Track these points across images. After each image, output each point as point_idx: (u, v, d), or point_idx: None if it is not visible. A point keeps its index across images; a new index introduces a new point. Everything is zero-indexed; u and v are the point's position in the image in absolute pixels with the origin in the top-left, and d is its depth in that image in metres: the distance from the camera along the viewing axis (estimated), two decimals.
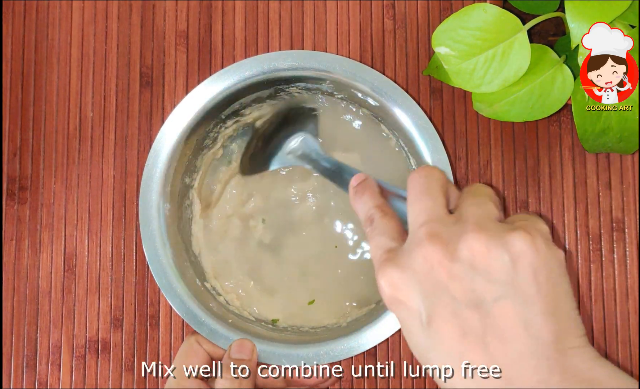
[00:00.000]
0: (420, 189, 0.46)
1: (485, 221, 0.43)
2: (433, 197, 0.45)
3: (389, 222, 0.48)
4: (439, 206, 0.45)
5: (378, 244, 0.46)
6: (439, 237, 0.42)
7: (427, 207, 0.45)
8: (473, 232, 0.41)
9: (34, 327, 0.70)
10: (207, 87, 0.65)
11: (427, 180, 0.46)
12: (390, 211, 0.49)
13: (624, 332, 0.68)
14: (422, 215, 0.44)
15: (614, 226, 0.69)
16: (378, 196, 0.51)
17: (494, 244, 0.41)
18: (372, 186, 0.52)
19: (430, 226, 0.43)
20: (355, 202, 0.52)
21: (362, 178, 0.53)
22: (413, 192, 0.46)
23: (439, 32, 0.60)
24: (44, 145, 0.72)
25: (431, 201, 0.45)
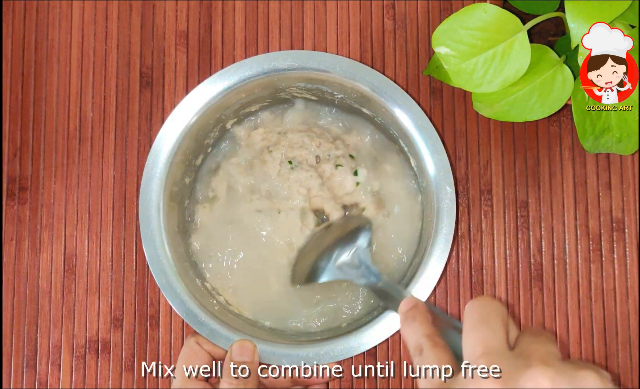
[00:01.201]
0: (478, 318, 0.43)
1: (550, 358, 0.40)
2: (492, 327, 0.43)
3: (440, 353, 0.45)
4: (498, 338, 0.42)
5: (427, 379, 0.44)
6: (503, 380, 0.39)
7: (486, 338, 0.42)
8: (539, 367, 0.39)
9: (34, 327, 0.70)
10: (207, 87, 0.65)
11: (486, 310, 0.44)
12: (441, 342, 0.47)
13: (624, 332, 0.68)
14: (479, 346, 0.42)
15: (614, 226, 0.69)
16: (429, 324, 0.48)
17: (562, 381, 0.38)
18: (422, 312, 0.50)
19: (489, 358, 0.40)
20: (405, 329, 0.50)
21: (413, 303, 0.51)
22: (469, 321, 0.44)
23: (439, 32, 0.60)
24: (44, 145, 0.72)
25: (490, 332, 0.42)
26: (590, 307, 0.69)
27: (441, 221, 0.63)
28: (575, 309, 0.69)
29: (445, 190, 0.63)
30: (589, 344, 0.68)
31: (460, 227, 0.70)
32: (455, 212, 0.63)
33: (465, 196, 0.70)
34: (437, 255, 0.62)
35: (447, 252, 0.62)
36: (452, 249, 0.68)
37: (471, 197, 0.70)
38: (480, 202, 0.70)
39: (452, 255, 0.70)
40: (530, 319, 0.69)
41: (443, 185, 0.63)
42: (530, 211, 0.70)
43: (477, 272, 0.69)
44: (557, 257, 0.69)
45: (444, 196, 0.63)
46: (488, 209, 0.70)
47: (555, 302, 0.69)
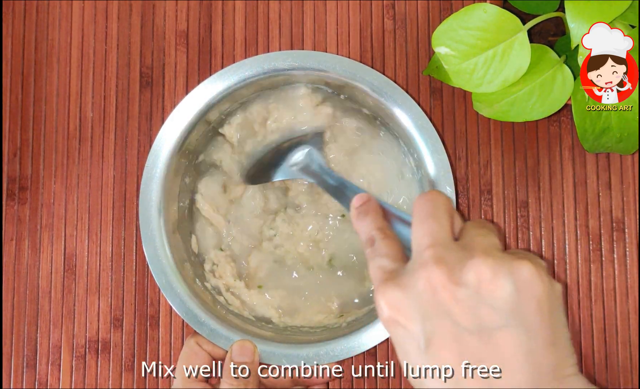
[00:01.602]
0: (426, 212, 0.45)
1: (492, 249, 0.42)
2: (439, 221, 0.45)
3: (391, 243, 0.47)
4: (444, 230, 0.44)
5: (378, 265, 0.46)
6: (444, 260, 0.42)
7: (433, 230, 0.44)
8: (480, 257, 0.41)
9: (34, 327, 0.70)
10: (207, 87, 0.65)
11: (433, 204, 0.46)
12: (392, 234, 0.49)
13: (624, 332, 0.68)
14: (427, 238, 0.44)
15: (614, 226, 0.69)
16: (380, 218, 0.50)
17: (501, 271, 0.41)
18: (374, 207, 0.51)
19: (435, 249, 0.43)
20: (357, 223, 0.51)
21: (365, 199, 0.52)
22: (418, 215, 0.46)
23: (439, 32, 0.60)
24: (44, 145, 0.72)
25: (437, 225, 0.44)
26: (590, 307, 0.69)
27: None
28: (575, 309, 0.69)
29: (445, 190, 0.63)
30: (589, 344, 0.68)
31: None
32: None
33: (465, 196, 0.70)
34: None
35: None
36: None
37: (471, 197, 0.70)
38: (480, 202, 0.70)
39: None
40: None
41: (443, 185, 0.63)
42: (530, 211, 0.70)
43: None
44: (557, 257, 0.69)
45: None
46: (488, 209, 0.70)
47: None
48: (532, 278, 0.41)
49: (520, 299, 0.40)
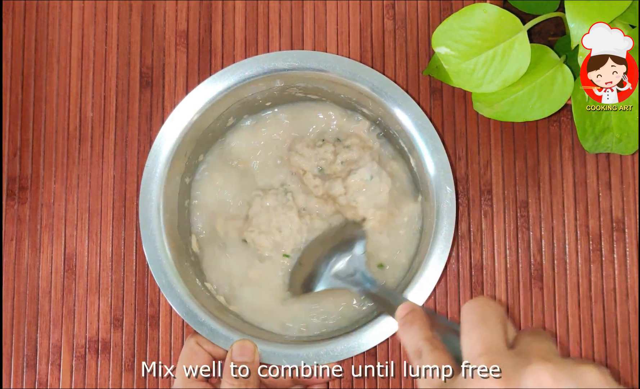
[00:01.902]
0: (477, 318, 0.43)
1: (550, 355, 0.40)
2: (490, 327, 0.43)
3: (439, 356, 0.45)
4: (497, 337, 0.42)
5: (428, 381, 0.44)
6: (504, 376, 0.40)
7: (485, 337, 0.42)
8: (539, 363, 0.39)
9: (34, 327, 0.70)
10: (207, 87, 0.65)
11: (484, 310, 0.44)
12: (440, 344, 0.47)
13: (624, 332, 0.68)
14: (479, 346, 0.42)
15: (614, 226, 0.69)
16: (427, 328, 0.49)
17: (563, 376, 0.38)
18: (420, 317, 0.50)
19: (490, 357, 0.41)
20: (404, 334, 0.50)
21: (410, 308, 0.51)
22: (469, 321, 0.44)
23: (439, 32, 0.60)
24: (44, 145, 0.72)
25: (488, 331, 0.42)
26: (590, 307, 0.69)
27: (441, 221, 0.63)
28: (575, 309, 0.69)
29: (445, 190, 0.63)
30: (589, 344, 0.68)
31: (460, 227, 0.70)
32: (455, 212, 0.63)
33: (465, 196, 0.70)
34: (437, 255, 0.62)
35: (447, 252, 0.62)
36: (452, 249, 0.68)
37: (471, 197, 0.70)
38: (480, 202, 0.70)
39: (452, 255, 0.70)
40: (530, 319, 0.69)
41: (443, 185, 0.63)
42: (530, 211, 0.70)
43: (477, 273, 0.69)
44: (557, 257, 0.69)
45: (444, 196, 0.63)
46: (488, 209, 0.70)
47: (555, 302, 0.69)
48: (600, 384, 0.38)
49: None
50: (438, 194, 0.63)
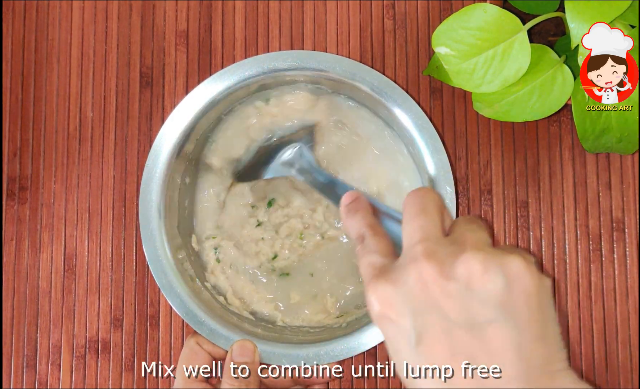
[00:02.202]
0: (417, 208, 0.45)
1: (482, 244, 0.43)
2: (429, 216, 0.45)
3: (381, 240, 0.47)
4: (435, 226, 0.44)
5: (369, 262, 0.46)
6: (435, 255, 0.42)
7: (423, 225, 0.44)
8: (471, 252, 0.41)
9: (34, 327, 0.70)
10: (207, 87, 0.65)
11: (424, 200, 0.46)
12: (381, 231, 0.49)
13: (624, 332, 0.68)
14: (417, 233, 0.44)
15: (614, 226, 0.69)
16: (370, 215, 0.50)
17: (492, 265, 0.41)
18: (364, 205, 0.51)
19: (426, 244, 0.43)
20: (347, 221, 0.51)
21: (354, 196, 0.52)
22: (409, 211, 0.46)
23: (439, 32, 0.60)
24: (44, 145, 0.72)
25: (427, 220, 0.45)
26: (590, 307, 0.69)
27: None
28: (575, 309, 0.69)
29: (445, 190, 0.63)
30: (588, 344, 0.68)
31: None
32: (455, 212, 0.63)
33: (465, 196, 0.70)
34: None
35: None
36: None
37: (471, 197, 0.70)
38: (480, 202, 0.70)
39: None
40: None
41: (443, 185, 0.63)
42: (530, 211, 0.70)
43: None
44: (557, 257, 0.69)
45: (444, 195, 0.63)
46: (488, 209, 0.70)
47: (555, 302, 0.69)
48: (522, 272, 0.41)
49: (510, 293, 0.40)
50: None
